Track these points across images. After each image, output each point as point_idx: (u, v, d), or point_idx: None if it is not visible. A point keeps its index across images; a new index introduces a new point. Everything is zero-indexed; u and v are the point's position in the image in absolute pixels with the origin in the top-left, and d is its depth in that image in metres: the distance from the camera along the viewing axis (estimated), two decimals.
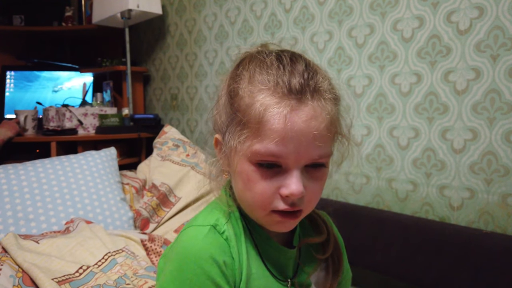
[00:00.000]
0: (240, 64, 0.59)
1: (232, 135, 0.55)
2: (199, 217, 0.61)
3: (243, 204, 0.59)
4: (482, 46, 1.11)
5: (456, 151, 1.18)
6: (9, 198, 1.30)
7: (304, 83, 0.53)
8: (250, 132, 0.53)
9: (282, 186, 0.54)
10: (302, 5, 1.54)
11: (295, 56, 0.56)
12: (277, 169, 0.54)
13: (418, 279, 1.13)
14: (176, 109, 2.17)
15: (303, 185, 0.53)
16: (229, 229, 0.58)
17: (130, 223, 1.42)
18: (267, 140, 0.52)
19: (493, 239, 1.03)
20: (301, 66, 0.55)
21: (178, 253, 0.57)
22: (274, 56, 0.56)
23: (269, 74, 0.54)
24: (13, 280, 0.99)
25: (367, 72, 1.36)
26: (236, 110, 0.55)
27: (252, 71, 0.55)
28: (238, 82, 0.56)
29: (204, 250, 0.55)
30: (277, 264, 0.62)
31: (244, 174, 0.55)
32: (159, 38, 2.24)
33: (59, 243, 1.13)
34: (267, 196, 0.54)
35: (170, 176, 1.61)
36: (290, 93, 0.52)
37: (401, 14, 1.27)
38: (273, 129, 0.51)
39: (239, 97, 0.55)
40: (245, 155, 0.54)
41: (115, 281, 1.03)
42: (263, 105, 0.52)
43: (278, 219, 0.56)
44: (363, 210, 1.31)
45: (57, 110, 1.99)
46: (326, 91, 0.55)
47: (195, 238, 0.57)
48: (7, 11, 2.41)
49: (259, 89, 0.53)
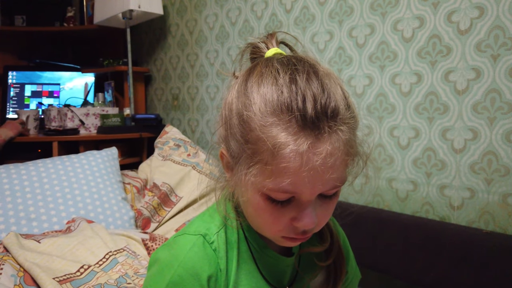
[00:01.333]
0: (248, 80, 0.53)
1: (242, 166, 0.51)
2: (193, 224, 0.60)
3: (252, 223, 0.57)
4: (482, 46, 1.11)
5: (456, 151, 1.18)
6: (11, 198, 1.31)
7: (320, 112, 0.47)
8: (262, 167, 0.49)
9: (294, 217, 0.51)
10: (302, 5, 1.54)
11: (310, 76, 0.50)
12: (289, 200, 0.51)
13: (418, 278, 1.13)
14: (177, 109, 2.18)
15: (316, 214, 0.51)
16: (219, 239, 0.57)
17: (131, 223, 1.43)
18: (280, 179, 0.48)
19: (493, 239, 1.03)
20: (317, 88, 0.49)
21: (164, 258, 0.57)
22: (288, 76, 0.50)
23: (281, 103, 0.48)
24: (15, 280, 0.99)
25: (367, 72, 1.36)
26: (246, 140, 0.50)
27: (263, 95, 0.50)
28: (248, 108, 0.50)
29: (188, 263, 0.55)
30: (274, 271, 0.61)
31: (254, 202, 0.52)
32: (160, 38, 2.25)
33: (60, 243, 1.13)
34: (278, 225, 0.52)
35: (171, 175, 1.61)
36: (305, 126, 0.47)
37: (401, 14, 1.27)
38: (288, 168, 0.47)
39: (250, 128, 0.50)
40: (255, 187, 0.50)
41: (116, 280, 1.03)
42: (278, 142, 0.47)
43: (288, 240, 0.55)
44: (363, 210, 1.31)
45: (58, 110, 2.00)
46: (344, 115, 0.50)
47: (182, 248, 0.56)
48: (9, 12, 2.42)
49: (271, 123, 0.48)
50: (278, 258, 0.61)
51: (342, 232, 0.73)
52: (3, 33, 2.40)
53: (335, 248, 0.65)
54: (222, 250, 0.57)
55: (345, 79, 1.41)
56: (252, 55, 0.61)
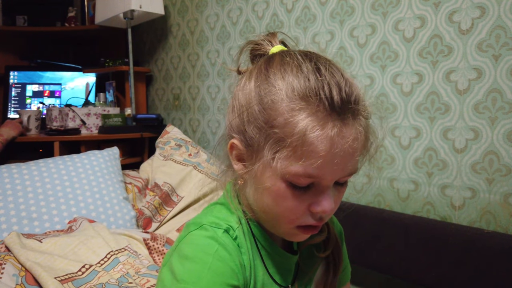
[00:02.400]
0: (269, 68, 0.54)
1: (267, 152, 0.51)
2: (206, 219, 0.58)
3: (264, 216, 0.57)
4: (483, 46, 1.11)
5: (457, 151, 1.18)
6: (13, 198, 1.31)
7: (346, 99, 0.50)
8: (289, 151, 0.49)
9: (313, 203, 0.52)
10: (303, 5, 1.55)
11: (331, 65, 0.53)
12: (309, 186, 0.52)
13: (419, 278, 1.13)
14: (179, 109, 2.18)
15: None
16: (240, 235, 0.57)
17: (133, 222, 1.43)
18: (308, 162, 0.49)
19: (494, 239, 1.03)
20: (340, 78, 0.51)
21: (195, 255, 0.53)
22: (312, 65, 0.52)
23: (308, 89, 0.50)
24: (16, 279, 1.00)
25: (368, 72, 1.36)
26: (272, 125, 0.51)
27: (289, 81, 0.51)
28: (274, 93, 0.51)
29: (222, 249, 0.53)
30: (280, 270, 0.61)
31: (274, 189, 0.52)
32: (162, 38, 2.25)
33: (62, 242, 1.13)
34: (296, 213, 0.53)
35: (173, 175, 1.61)
36: (333, 111, 0.49)
37: (402, 14, 1.27)
38: (317, 152, 0.48)
39: (277, 113, 0.51)
40: (278, 172, 0.51)
41: (117, 279, 1.03)
42: (307, 125, 0.48)
43: (301, 232, 0.55)
44: (364, 210, 1.31)
45: (60, 110, 2.00)
46: (363, 108, 0.53)
47: (211, 237, 0.54)
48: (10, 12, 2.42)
49: (300, 107, 0.49)
50: (286, 256, 0.61)
51: (337, 222, 0.74)
52: (5, 33, 2.40)
53: (332, 238, 0.67)
54: (244, 246, 0.57)
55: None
56: (253, 53, 0.61)
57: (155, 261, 1.22)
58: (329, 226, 0.67)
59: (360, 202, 1.39)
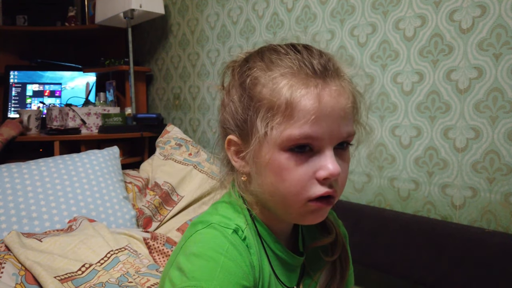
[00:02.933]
0: (248, 59, 0.57)
1: (260, 126, 0.52)
2: (214, 218, 0.56)
3: (274, 199, 0.55)
4: (484, 45, 1.11)
5: (458, 150, 1.17)
6: (12, 197, 1.31)
7: (325, 64, 0.53)
8: (280, 117, 0.51)
9: (318, 169, 0.52)
10: (304, 5, 1.54)
11: (305, 44, 0.57)
12: (309, 153, 0.52)
13: (420, 277, 1.12)
14: (179, 109, 2.18)
15: None
16: (248, 235, 0.56)
17: (133, 222, 1.43)
18: (301, 122, 0.50)
19: (495, 238, 1.02)
20: (316, 50, 0.55)
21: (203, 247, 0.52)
22: (285, 45, 0.56)
23: (288, 59, 0.53)
24: (16, 278, 0.99)
25: (369, 71, 1.36)
26: (259, 99, 0.53)
27: (268, 60, 0.54)
28: (254, 72, 0.54)
29: (233, 249, 0.52)
30: (285, 271, 0.60)
31: (276, 164, 0.52)
32: (162, 38, 2.25)
33: (61, 241, 1.13)
34: (304, 183, 0.52)
35: (173, 175, 1.61)
36: (315, 74, 0.52)
37: (403, 13, 1.27)
38: (306, 109, 0.50)
39: (260, 85, 0.53)
40: (276, 144, 0.52)
41: (117, 279, 1.03)
42: (291, 87, 0.51)
43: (314, 208, 0.53)
44: (364, 209, 1.31)
45: (60, 109, 2.00)
46: (345, 74, 0.55)
47: (221, 236, 0.53)
48: (10, 11, 2.42)
49: (281, 74, 0.52)
50: (292, 257, 0.60)
51: (342, 226, 0.73)
52: (5, 32, 2.40)
53: (340, 241, 0.65)
54: (253, 246, 0.56)
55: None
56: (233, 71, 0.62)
57: (155, 260, 1.22)
58: (335, 229, 0.66)
59: (361, 202, 1.39)
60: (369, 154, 1.37)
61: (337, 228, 0.67)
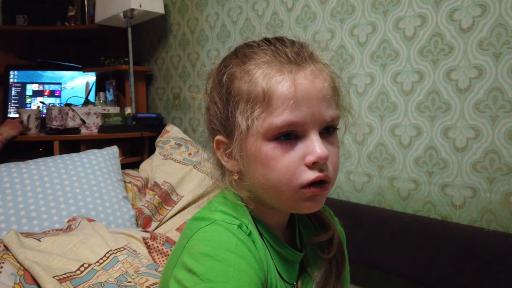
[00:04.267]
0: (224, 60, 0.59)
1: (240, 119, 0.53)
2: (216, 215, 0.55)
3: (267, 191, 0.54)
4: (484, 44, 1.11)
5: (458, 150, 1.17)
6: (12, 196, 1.31)
7: (298, 51, 0.54)
8: (260, 108, 0.51)
9: (306, 154, 0.52)
10: (304, 4, 1.54)
11: (282, 38, 0.57)
12: (295, 140, 0.52)
13: (420, 277, 1.12)
14: (179, 108, 2.18)
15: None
16: (253, 230, 0.55)
17: (132, 221, 1.43)
18: (280, 109, 0.51)
19: (495, 238, 1.02)
20: (289, 40, 0.56)
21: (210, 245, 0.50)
22: (259, 40, 0.57)
23: (262, 51, 0.54)
24: (15, 278, 0.99)
25: (369, 71, 1.36)
26: (237, 93, 0.54)
27: (242, 55, 0.55)
28: (230, 69, 0.55)
29: (241, 244, 0.51)
30: (285, 267, 0.60)
31: (263, 155, 0.52)
32: (162, 37, 2.25)
33: (60, 241, 1.13)
34: (293, 170, 0.51)
35: (172, 174, 1.61)
36: (289, 61, 0.52)
37: (403, 12, 1.27)
38: (284, 96, 0.51)
39: (237, 80, 0.54)
40: (259, 135, 0.52)
41: (116, 279, 1.03)
42: (266, 76, 0.52)
43: (309, 194, 0.52)
44: (364, 209, 1.30)
45: (60, 109, 2.00)
46: (320, 60, 0.56)
47: (227, 233, 0.52)
48: (10, 11, 2.42)
49: (256, 65, 0.53)
50: (292, 252, 0.60)
51: (338, 224, 0.73)
52: (5, 32, 2.40)
53: (336, 239, 0.65)
54: (258, 242, 0.55)
55: (347, 78, 1.40)
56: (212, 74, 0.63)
57: (155, 260, 1.22)
58: (334, 227, 0.66)
59: (361, 201, 1.39)
60: (369, 154, 1.36)
61: (334, 227, 0.67)
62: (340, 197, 1.45)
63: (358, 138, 1.39)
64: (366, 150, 1.37)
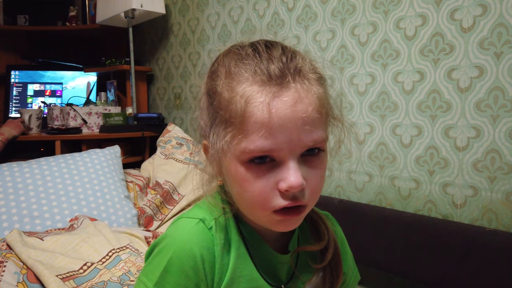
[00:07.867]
0: (215, 61, 0.56)
1: (217, 136, 0.51)
2: (191, 211, 0.60)
3: (242, 207, 0.55)
4: (485, 44, 1.11)
5: (459, 149, 1.17)
6: (14, 196, 1.31)
7: (283, 67, 0.49)
8: (235, 129, 0.49)
9: (279, 180, 0.49)
10: (305, 4, 1.54)
11: (270, 43, 0.54)
12: (270, 163, 0.50)
13: (421, 277, 1.13)
14: (180, 108, 2.18)
15: (302, 176, 0.49)
16: (217, 226, 0.56)
17: (134, 221, 1.43)
18: (254, 135, 0.47)
19: (496, 237, 1.02)
20: (278, 51, 0.51)
21: (164, 241, 0.56)
22: (248, 46, 0.53)
23: (245, 65, 0.50)
24: (18, 277, 1.00)
25: (370, 71, 1.36)
26: (217, 108, 0.52)
27: (227, 65, 0.52)
28: (215, 79, 0.53)
29: (186, 243, 0.54)
30: (270, 268, 0.60)
31: (237, 176, 0.51)
32: (163, 37, 2.25)
33: (63, 240, 1.13)
34: (265, 195, 0.50)
35: (174, 174, 1.61)
36: (270, 80, 0.48)
37: (404, 12, 1.27)
38: (258, 122, 0.47)
39: (218, 94, 0.52)
40: (234, 156, 0.50)
41: (119, 277, 1.03)
42: (243, 97, 0.48)
43: (280, 218, 0.51)
44: (365, 208, 1.31)
45: (61, 109, 2.00)
46: (309, 72, 0.51)
47: (182, 228, 0.57)
48: (11, 11, 2.42)
49: (237, 82, 0.50)
50: (272, 254, 0.60)
51: (340, 232, 0.70)
52: (6, 32, 2.40)
53: (331, 248, 0.62)
54: (221, 238, 0.56)
55: (348, 78, 1.41)
56: None
57: None
58: (329, 235, 0.63)
59: (361, 201, 1.39)
60: (370, 153, 1.37)
61: (332, 235, 0.64)
62: (341, 196, 1.45)
63: (358, 138, 1.39)
64: (367, 149, 1.37)
